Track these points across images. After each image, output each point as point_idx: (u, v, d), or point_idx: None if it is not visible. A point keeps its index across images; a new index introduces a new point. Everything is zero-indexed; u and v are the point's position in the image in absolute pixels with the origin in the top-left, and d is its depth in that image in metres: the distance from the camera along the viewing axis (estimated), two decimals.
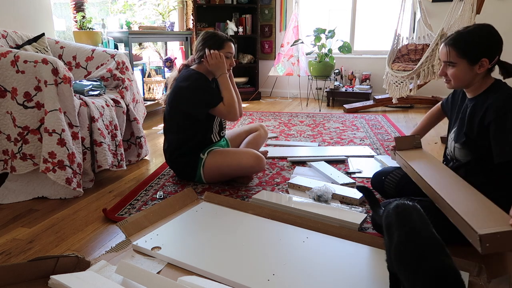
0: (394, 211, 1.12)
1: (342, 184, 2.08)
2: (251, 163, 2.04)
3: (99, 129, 2.09)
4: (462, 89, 1.59)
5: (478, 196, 1.38)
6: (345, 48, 4.57)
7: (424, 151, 1.84)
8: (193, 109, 2.05)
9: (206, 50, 2.05)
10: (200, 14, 5.01)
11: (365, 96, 4.75)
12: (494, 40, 1.46)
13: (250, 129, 2.50)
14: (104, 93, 2.35)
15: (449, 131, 1.69)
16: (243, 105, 4.81)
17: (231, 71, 2.18)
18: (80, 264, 1.28)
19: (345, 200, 1.87)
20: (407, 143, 1.85)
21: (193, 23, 4.91)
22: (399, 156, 1.79)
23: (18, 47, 2.35)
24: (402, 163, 1.77)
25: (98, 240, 1.56)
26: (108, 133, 2.19)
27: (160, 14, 4.34)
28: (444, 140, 3.07)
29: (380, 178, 1.89)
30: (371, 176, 2.06)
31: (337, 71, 4.96)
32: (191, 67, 2.14)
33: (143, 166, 2.49)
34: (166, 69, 4.51)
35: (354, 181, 2.12)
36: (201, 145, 2.12)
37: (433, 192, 1.44)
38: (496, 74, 1.53)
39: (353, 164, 2.45)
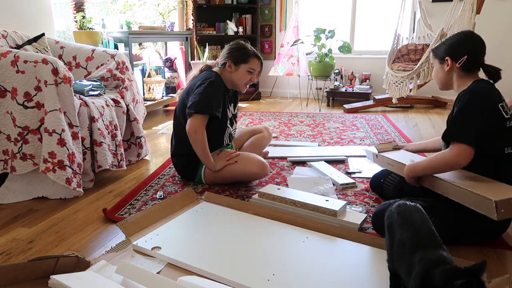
0: (396, 210, 1.14)
1: (342, 184, 2.08)
2: (255, 170, 2.03)
3: (99, 129, 2.09)
4: (448, 89, 1.67)
5: (476, 175, 1.47)
6: (345, 48, 4.57)
7: (404, 150, 1.91)
8: (191, 98, 2.00)
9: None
10: (200, 14, 5.01)
11: (365, 96, 4.74)
12: (460, 41, 1.57)
13: (254, 130, 2.49)
14: (104, 93, 2.35)
15: None
16: (243, 105, 4.81)
17: (247, 87, 2.17)
18: (80, 264, 1.28)
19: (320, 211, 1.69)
20: (387, 147, 1.93)
21: (193, 23, 4.91)
22: (381, 156, 1.84)
23: (18, 47, 2.35)
24: (386, 162, 1.82)
25: (98, 240, 1.56)
26: (108, 133, 2.19)
27: (160, 14, 4.34)
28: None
29: (378, 180, 1.90)
30: (371, 176, 2.06)
31: (337, 71, 4.96)
32: (214, 69, 2.13)
33: (143, 166, 2.50)
34: (166, 69, 4.51)
35: (354, 181, 2.12)
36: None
37: (433, 179, 1.49)
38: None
39: (353, 164, 2.45)
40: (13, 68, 1.84)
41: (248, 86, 2.17)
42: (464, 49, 1.54)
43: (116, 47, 3.54)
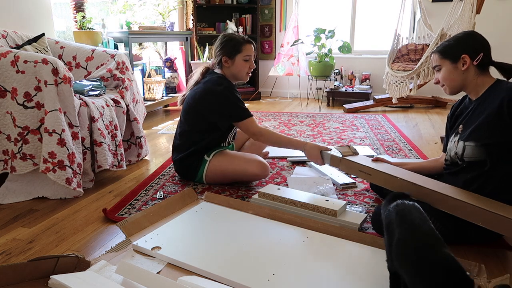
0: (394, 209, 1.14)
1: (342, 184, 2.08)
2: (256, 172, 2.03)
3: (99, 129, 2.09)
4: (460, 91, 1.58)
5: (479, 196, 1.42)
6: (345, 48, 4.57)
7: (364, 156, 1.81)
8: (219, 118, 2.04)
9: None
10: (200, 14, 5.01)
11: (365, 96, 4.74)
12: (473, 39, 1.53)
13: None
14: (104, 93, 2.35)
15: (449, 137, 1.66)
16: None
17: (250, 75, 2.16)
18: (80, 264, 1.28)
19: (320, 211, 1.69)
20: (347, 150, 1.82)
21: (193, 23, 4.91)
22: (347, 161, 1.71)
23: (18, 47, 2.35)
24: (357, 169, 1.68)
25: (98, 240, 1.56)
26: (108, 133, 2.19)
27: (160, 14, 4.34)
28: (443, 140, 3.06)
29: None
30: None
31: (337, 71, 4.96)
32: (215, 71, 2.14)
33: (143, 166, 2.50)
34: (166, 69, 4.51)
35: (354, 181, 2.12)
36: (208, 148, 2.12)
37: (444, 198, 1.40)
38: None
39: None
40: (13, 68, 1.84)
41: (250, 74, 2.16)
42: (480, 46, 1.50)
43: (116, 47, 3.54)
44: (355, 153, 1.83)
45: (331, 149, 1.92)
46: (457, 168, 1.55)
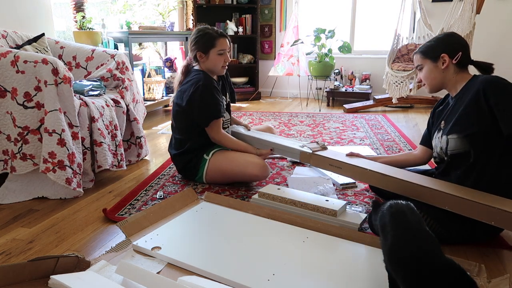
0: (388, 211, 1.13)
1: (342, 184, 2.08)
2: (255, 173, 2.03)
3: (99, 129, 2.09)
4: (439, 90, 1.64)
5: (471, 189, 1.46)
6: (345, 48, 4.57)
7: (334, 150, 1.87)
8: (197, 112, 2.05)
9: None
10: (200, 14, 5.01)
11: (365, 96, 4.74)
12: (452, 39, 1.60)
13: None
14: (104, 93, 2.35)
15: (431, 132, 1.72)
16: (243, 105, 4.81)
17: (226, 68, 2.16)
18: (80, 264, 1.28)
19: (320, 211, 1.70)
20: (316, 146, 1.86)
21: (193, 23, 4.91)
22: (318, 156, 1.75)
23: (18, 47, 2.35)
24: (327, 163, 1.74)
25: (98, 240, 1.56)
26: (108, 133, 2.19)
27: (160, 14, 4.34)
28: None
29: None
30: None
31: (337, 71, 4.96)
32: (195, 67, 2.16)
33: (143, 166, 2.50)
34: (166, 69, 4.52)
35: (354, 181, 2.12)
36: (204, 145, 2.12)
37: (413, 186, 1.46)
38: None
39: None
40: (13, 68, 1.84)
41: (226, 67, 2.16)
42: (458, 45, 1.57)
43: (116, 47, 3.54)
44: (324, 148, 1.89)
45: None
46: (445, 165, 1.58)
